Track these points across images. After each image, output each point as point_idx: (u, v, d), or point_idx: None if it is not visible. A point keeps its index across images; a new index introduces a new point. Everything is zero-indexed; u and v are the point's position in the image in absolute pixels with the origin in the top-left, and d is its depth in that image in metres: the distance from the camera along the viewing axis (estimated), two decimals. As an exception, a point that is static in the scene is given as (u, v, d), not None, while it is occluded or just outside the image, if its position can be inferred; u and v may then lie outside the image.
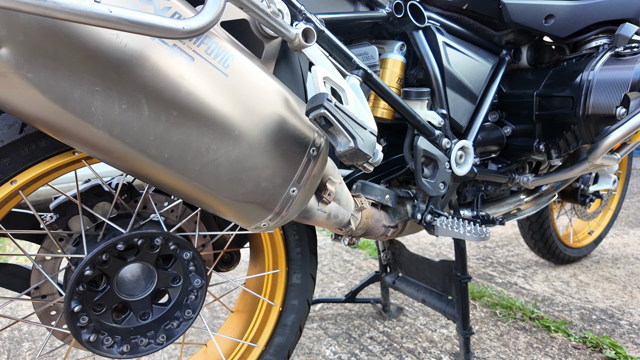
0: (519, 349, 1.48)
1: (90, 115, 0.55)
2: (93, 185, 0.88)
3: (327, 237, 2.78)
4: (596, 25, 1.22)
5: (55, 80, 0.51)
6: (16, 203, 0.78)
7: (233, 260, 1.11)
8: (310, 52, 0.73)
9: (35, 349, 1.56)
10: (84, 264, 0.77)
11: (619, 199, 2.26)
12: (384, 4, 1.00)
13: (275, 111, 0.68)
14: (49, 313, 0.89)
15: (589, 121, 1.13)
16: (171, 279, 0.89)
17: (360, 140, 0.67)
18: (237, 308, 1.21)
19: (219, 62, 0.62)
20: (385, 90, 0.93)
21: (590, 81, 1.11)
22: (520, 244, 2.49)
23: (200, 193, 0.67)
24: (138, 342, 0.86)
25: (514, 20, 1.13)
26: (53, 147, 0.74)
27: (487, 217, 1.28)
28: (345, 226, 0.93)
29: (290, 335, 1.13)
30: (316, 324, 1.69)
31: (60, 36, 0.50)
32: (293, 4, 0.74)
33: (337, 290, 2.01)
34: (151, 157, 0.60)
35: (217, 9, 0.51)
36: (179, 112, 0.59)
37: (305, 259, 1.11)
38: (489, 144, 1.29)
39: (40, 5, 0.40)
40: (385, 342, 1.54)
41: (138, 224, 0.88)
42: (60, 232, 0.86)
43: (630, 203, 3.29)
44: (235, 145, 0.64)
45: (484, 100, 1.19)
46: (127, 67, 0.54)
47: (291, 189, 0.72)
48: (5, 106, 0.55)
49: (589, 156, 1.16)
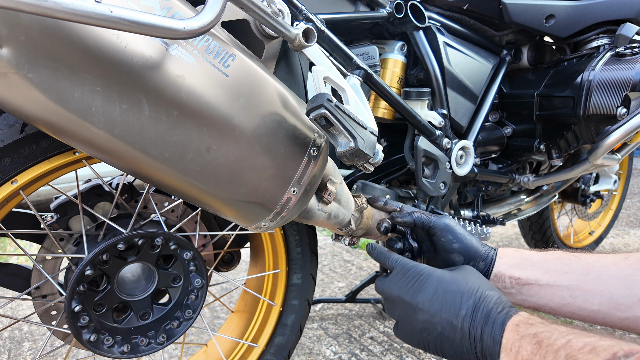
0: (520, 349, 1.48)
1: (90, 115, 0.55)
2: (94, 185, 0.88)
3: (327, 237, 2.78)
4: (597, 26, 1.22)
5: (55, 80, 0.51)
6: (17, 203, 0.78)
7: (233, 260, 1.11)
8: (310, 52, 0.73)
9: (35, 349, 1.56)
10: (85, 264, 0.77)
11: (620, 199, 2.26)
12: (384, 4, 1.00)
13: (276, 111, 0.68)
14: (49, 313, 0.89)
15: (590, 121, 1.13)
16: (172, 279, 0.89)
17: (360, 140, 0.67)
18: (237, 308, 1.21)
19: (219, 62, 0.62)
20: (385, 90, 0.92)
21: (591, 81, 1.11)
22: (521, 244, 2.49)
23: (200, 193, 0.67)
24: (138, 342, 0.86)
25: (514, 21, 1.13)
26: (54, 147, 0.74)
27: (488, 217, 1.28)
28: (346, 226, 0.93)
29: (290, 335, 1.13)
30: (316, 324, 1.69)
31: (61, 36, 0.50)
32: (294, 4, 0.74)
33: (337, 290, 2.01)
34: (152, 157, 0.60)
35: (218, 9, 0.51)
36: (180, 112, 0.59)
37: (306, 259, 1.11)
38: (490, 144, 1.29)
39: (40, 5, 0.40)
40: (385, 342, 1.54)
41: (138, 224, 0.88)
42: (61, 232, 0.86)
43: (630, 203, 3.29)
44: (235, 145, 0.64)
45: (484, 100, 1.18)
46: (128, 67, 0.54)
47: (292, 189, 0.72)
48: (6, 106, 0.55)
49: (590, 156, 1.16)
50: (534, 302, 0.67)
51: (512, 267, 0.69)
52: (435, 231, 0.75)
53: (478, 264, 0.71)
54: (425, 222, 0.76)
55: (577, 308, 0.63)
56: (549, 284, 0.65)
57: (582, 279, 0.63)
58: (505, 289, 0.68)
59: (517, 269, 0.68)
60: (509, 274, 0.68)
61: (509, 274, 0.68)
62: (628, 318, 0.59)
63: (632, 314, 0.59)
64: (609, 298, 0.60)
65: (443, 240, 0.74)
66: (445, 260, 0.74)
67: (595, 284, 0.62)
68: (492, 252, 0.72)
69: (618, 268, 0.62)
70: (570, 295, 0.63)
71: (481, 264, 0.71)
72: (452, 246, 0.73)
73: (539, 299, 0.66)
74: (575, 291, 0.63)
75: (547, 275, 0.66)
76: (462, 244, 0.73)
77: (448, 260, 0.74)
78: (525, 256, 0.70)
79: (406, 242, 0.82)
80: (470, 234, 0.75)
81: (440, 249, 0.75)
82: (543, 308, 0.66)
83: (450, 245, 0.73)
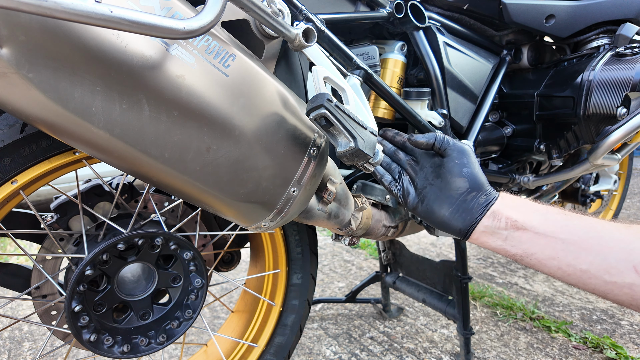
0: (520, 349, 1.48)
1: (91, 115, 0.55)
2: (94, 185, 0.88)
3: (327, 237, 2.78)
4: (597, 26, 1.22)
5: (56, 80, 0.51)
6: (17, 203, 0.78)
7: (233, 260, 1.11)
8: (310, 52, 0.73)
9: (35, 349, 1.56)
10: (85, 264, 0.77)
11: (620, 199, 2.26)
12: (384, 4, 1.00)
13: (276, 111, 0.68)
14: (49, 313, 0.89)
15: (590, 121, 1.13)
16: (172, 278, 0.89)
17: (360, 140, 0.67)
18: (237, 308, 1.21)
19: (219, 62, 0.62)
20: (385, 90, 0.92)
21: (591, 81, 1.11)
22: (521, 244, 2.49)
23: (200, 193, 0.67)
24: (138, 342, 0.86)
25: (514, 21, 1.13)
26: (54, 147, 0.74)
27: (488, 217, 1.28)
28: (346, 226, 0.93)
29: (290, 335, 1.13)
30: (317, 324, 1.69)
31: (61, 36, 0.50)
32: (294, 4, 0.74)
33: (337, 290, 2.01)
34: (152, 157, 0.60)
35: (218, 9, 0.51)
36: (180, 112, 0.59)
37: (306, 259, 1.11)
38: (490, 144, 1.29)
39: (41, 5, 0.40)
40: (385, 342, 1.54)
41: (139, 224, 0.88)
42: (61, 232, 0.86)
43: (631, 203, 3.29)
44: (235, 145, 0.64)
45: (484, 101, 1.18)
46: (128, 67, 0.54)
47: (292, 189, 0.72)
48: (6, 106, 0.55)
49: (590, 156, 1.16)
50: (522, 250, 0.65)
51: (512, 208, 0.68)
52: (452, 152, 0.74)
53: (479, 196, 0.70)
54: (445, 140, 0.75)
55: (565, 264, 0.62)
56: (544, 234, 0.64)
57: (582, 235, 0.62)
58: (499, 229, 0.67)
59: (516, 212, 0.67)
60: (506, 214, 0.67)
61: (506, 214, 0.67)
62: (615, 283, 0.58)
63: (621, 279, 0.57)
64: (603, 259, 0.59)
65: (456, 162, 0.73)
66: (448, 184, 0.73)
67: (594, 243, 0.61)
68: (496, 193, 0.71)
69: (620, 233, 0.60)
70: (564, 249, 0.62)
71: (483, 197, 0.70)
72: (463, 170, 0.72)
73: (529, 246, 0.65)
74: (571, 246, 0.62)
75: (545, 225, 0.64)
76: (472, 171, 0.72)
77: (451, 184, 0.72)
78: (527, 202, 0.69)
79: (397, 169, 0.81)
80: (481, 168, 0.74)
81: (448, 172, 0.73)
82: (529, 257, 0.65)
83: (460, 169, 0.72)
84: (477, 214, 0.69)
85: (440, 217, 0.72)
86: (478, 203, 0.69)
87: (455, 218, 0.71)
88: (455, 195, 0.71)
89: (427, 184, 0.76)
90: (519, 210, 0.67)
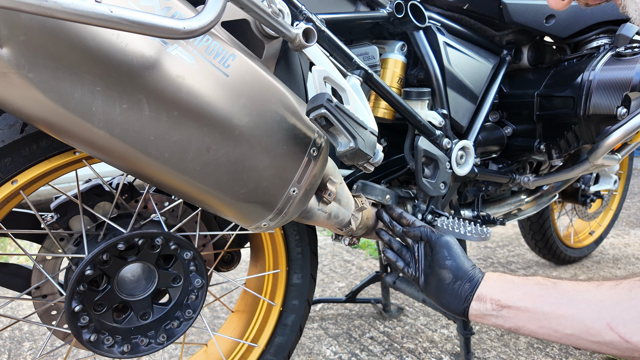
0: (520, 349, 1.48)
1: (91, 115, 0.55)
2: (94, 185, 0.88)
3: (327, 237, 2.78)
4: (597, 25, 1.22)
5: (56, 80, 0.51)
6: (17, 203, 0.78)
7: (233, 260, 1.11)
8: (310, 52, 0.73)
9: (35, 349, 1.56)
10: (85, 264, 0.77)
11: (620, 199, 2.26)
12: (384, 4, 1.00)
13: (276, 111, 0.68)
14: (49, 313, 0.89)
15: (590, 121, 1.13)
16: (172, 278, 0.89)
17: (360, 140, 0.67)
18: (237, 308, 1.21)
19: (219, 62, 0.62)
20: (385, 90, 0.92)
21: (591, 81, 1.11)
22: (521, 244, 2.49)
23: (200, 193, 0.67)
24: (139, 342, 0.86)
25: (514, 21, 1.13)
26: (54, 147, 0.74)
27: (488, 217, 1.28)
28: (346, 226, 0.93)
29: (290, 335, 1.13)
30: (317, 324, 1.69)
31: (61, 36, 0.50)
32: (294, 4, 0.74)
33: (337, 290, 2.01)
34: (152, 157, 0.60)
35: (218, 9, 0.51)
36: (180, 112, 0.59)
37: (306, 259, 1.11)
38: (490, 144, 1.29)
39: (41, 5, 0.40)
40: (385, 342, 1.54)
41: (139, 223, 0.88)
42: (61, 232, 0.86)
43: (631, 203, 3.29)
44: (235, 145, 0.64)
45: (484, 100, 1.18)
46: (128, 67, 0.54)
47: (292, 189, 0.72)
48: (6, 106, 0.55)
49: (590, 156, 1.16)
50: (513, 324, 0.71)
51: (494, 288, 0.74)
52: (435, 245, 0.82)
53: (464, 284, 0.76)
54: (429, 235, 0.84)
55: (552, 331, 0.66)
56: (526, 308, 0.69)
57: (556, 302, 0.66)
58: (487, 310, 0.73)
59: (498, 291, 0.73)
60: (490, 295, 0.73)
61: (490, 295, 0.73)
62: (599, 342, 0.61)
63: (601, 338, 0.61)
64: (580, 322, 0.63)
65: (439, 255, 0.80)
66: (438, 275, 0.80)
67: (568, 309, 0.65)
68: (479, 275, 0.77)
69: (590, 294, 0.64)
70: (546, 318, 0.67)
71: (467, 284, 0.76)
72: (446, 262, 0.79)
73: (517, 321, 0.70)
74: (550, 315, 0.66)
75: (524, 299, 0.70)
76: (455, 263, 0.79)
77: (440, 275, 0.80)
78: (507, 280, 0.75)
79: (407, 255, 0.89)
80: (465, 255, 0.80)
81: (436, 264, 0.81)
82: (522, 329, 0.70)
83: (444, 261, 0.79)
84: (465, 301, 0.76)
85: (441, 303, 0.80)
86: (464, 290, 0.76)
87: (451, 303, 0.78)
88: (445, 285, 0.78)
89: (429, 272, 0.83)
90: (501, 289, 0.73)
